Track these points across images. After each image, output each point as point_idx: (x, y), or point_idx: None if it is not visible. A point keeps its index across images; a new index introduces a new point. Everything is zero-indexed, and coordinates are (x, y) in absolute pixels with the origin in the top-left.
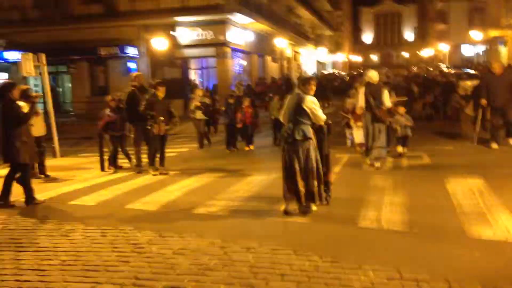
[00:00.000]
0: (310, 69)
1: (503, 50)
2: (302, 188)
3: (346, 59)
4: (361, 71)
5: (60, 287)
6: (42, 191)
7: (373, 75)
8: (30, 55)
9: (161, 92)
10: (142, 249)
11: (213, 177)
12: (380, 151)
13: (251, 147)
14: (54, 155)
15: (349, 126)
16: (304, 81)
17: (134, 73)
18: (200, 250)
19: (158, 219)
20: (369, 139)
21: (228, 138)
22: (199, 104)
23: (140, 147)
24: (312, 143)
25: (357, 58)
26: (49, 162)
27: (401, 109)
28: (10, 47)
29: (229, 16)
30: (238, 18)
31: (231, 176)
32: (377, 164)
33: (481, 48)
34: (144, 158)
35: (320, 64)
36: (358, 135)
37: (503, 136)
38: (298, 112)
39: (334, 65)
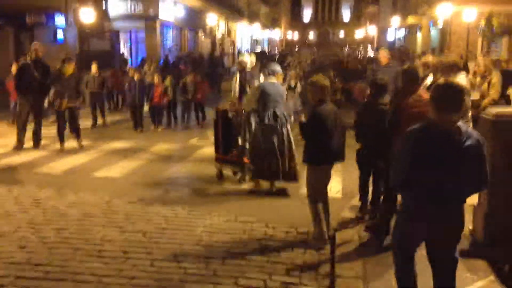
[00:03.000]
0: (244, 46)
1: (418, 37)
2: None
3: (283, 37)
4: (293, 49)
5: None
6: None
7: (245, 60)
8: None
9: (68, 68)
10: (40, 202)
11: (118, 150)
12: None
13: (160, 128)
14: None
15: None
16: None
17: (34, 45)
18: (89, 203)
19: (60, 181)
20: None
21: (134, 118)
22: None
23: (24, 119)
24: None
25: (294, 36)
26: None
27: None
28: None
29: None
30: None
31: (134, 150)
32: None
33: (402, 33)
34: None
35: (255, 41)
36: None
37: None
38: (281, 98)
39: (269, 42)
